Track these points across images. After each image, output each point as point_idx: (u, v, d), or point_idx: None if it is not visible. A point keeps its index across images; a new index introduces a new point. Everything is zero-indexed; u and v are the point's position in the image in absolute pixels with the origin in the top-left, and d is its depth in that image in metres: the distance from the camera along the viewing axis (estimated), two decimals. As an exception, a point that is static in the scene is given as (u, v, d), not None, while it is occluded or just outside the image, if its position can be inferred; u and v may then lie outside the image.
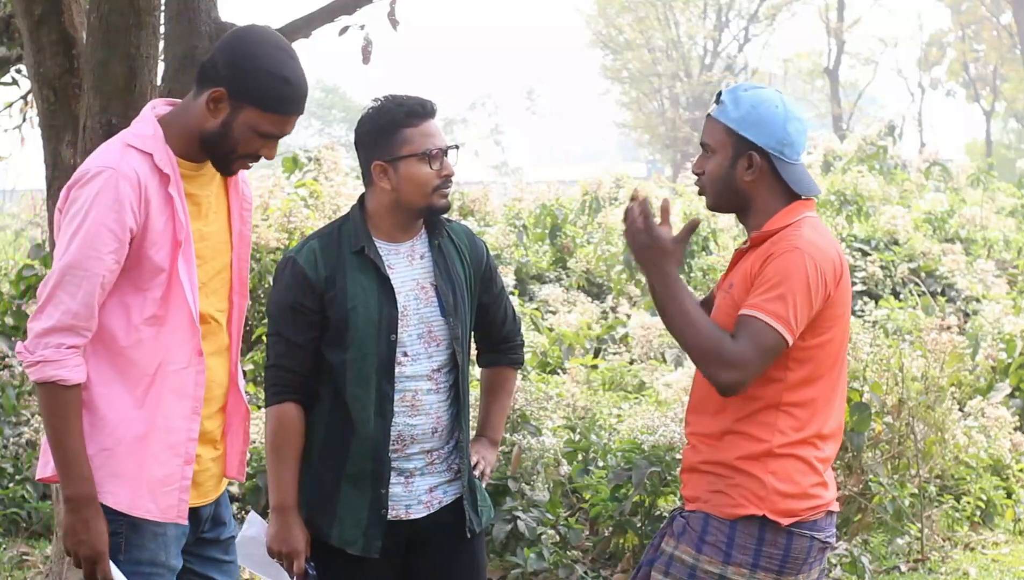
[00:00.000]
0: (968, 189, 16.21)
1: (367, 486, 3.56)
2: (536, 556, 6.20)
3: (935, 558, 6.85)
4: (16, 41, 7.71)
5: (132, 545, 3.26)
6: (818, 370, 3.27)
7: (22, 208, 17.05)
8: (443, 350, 3.62)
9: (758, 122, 3.30)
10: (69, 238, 3.17)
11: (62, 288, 3.15)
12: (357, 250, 3.57)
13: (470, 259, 3.73)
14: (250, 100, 3.25)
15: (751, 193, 3.33)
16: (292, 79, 3.27)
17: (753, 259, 3.30)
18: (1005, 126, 52.16)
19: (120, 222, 3.17)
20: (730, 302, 3.29)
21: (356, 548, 3.56)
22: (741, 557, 3.23)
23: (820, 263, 3.22)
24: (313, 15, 5.65)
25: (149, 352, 3.24)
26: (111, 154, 3.25)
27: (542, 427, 6.70)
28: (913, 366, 7.16)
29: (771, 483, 3.22)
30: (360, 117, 3.65)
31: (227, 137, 3.28)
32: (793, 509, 3.24)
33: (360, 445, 3.55)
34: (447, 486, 3.66)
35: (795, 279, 3.19)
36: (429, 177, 3.56)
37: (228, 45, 3.30)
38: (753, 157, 3.30)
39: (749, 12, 46.22)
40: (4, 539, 6.89)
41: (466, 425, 3.68)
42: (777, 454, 3.23)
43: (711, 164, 3.35)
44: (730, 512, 3.25)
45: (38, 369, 3.14)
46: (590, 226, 13.66)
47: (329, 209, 10.39)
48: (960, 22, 47.61)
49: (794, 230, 3.27)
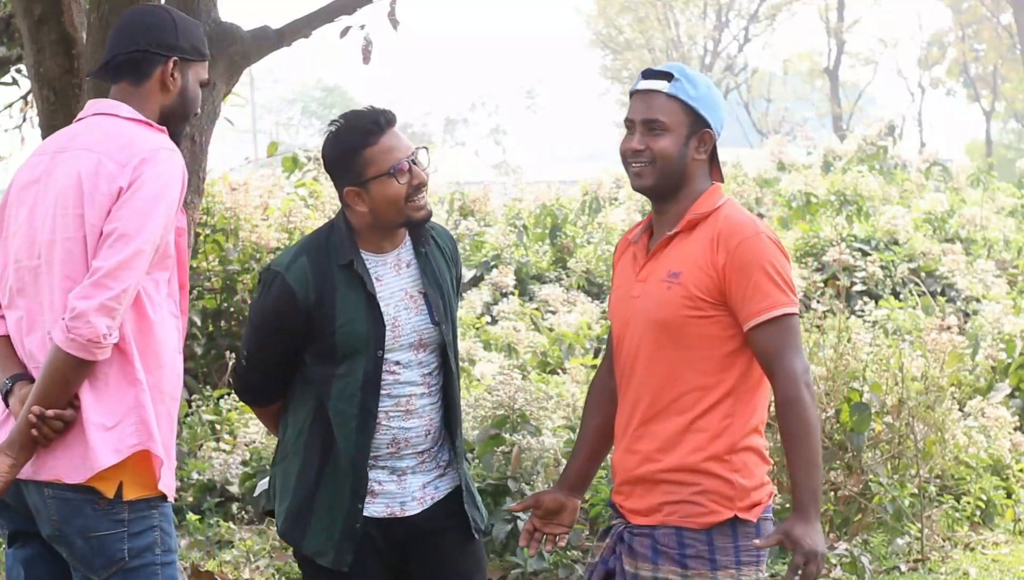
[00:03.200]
0: (968, 189, 16.19)
1: (343, 500, 3.55)
2: (536, 556, 6.20)
3: (935, 558, 6.84)
4: (16, 41, 7.71)
5: (166, 534, 3.27)
6: None
7: (22, 208, 17.01)
8: (434, 355, 3.63)
9: (713, 104, 3.31)
10: (143, 214, 3.17)
11: (130, 265, 3.14)
12: (345, 264, 3.54)
13: (453, 258, 3.74)
14: (195, 55, 3.39)
15: (692, 174, 3.31)
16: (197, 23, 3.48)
17: (697, 245, 3.24)
18: (1005, 126, 52.15)
19: (176, 206, 3.26)
20: (684, 293, 3.23)
21: (326, 560, 3.55)
22: (725, 559, 3.21)
23: (774, 237, 3.26)
24: (313, 15, 5.65)
25: (168, 330, 3.28)
26: (159, 137, 3.30)
27: (542, 427, 6.70)
28: (913, 366, 7.16)
29: (738, 481, 3.20)
30: (322, 142, 3.62)
31: (185, 100, 3.39)
32: (757, 501, 3.23)
33: (338, 460, 3.54)
34: (439, 481, 3.66)
35: (773, 257, 3.20)
36: (400, 191, 3.52)
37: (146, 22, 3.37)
38: (707, 135, 3.30)
39: (749, 12, 46.23)
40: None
41: (458, 424, 3.68)
42: (737, 448, 3.20)
43: (664, 141, 3.28)
44: (704, 521, 3.20)
45: (91, 349, 3.11)
46: (590, 226, 13.66)
47: (329, 209, 10.40)
48: (960, 22, 47.62)
49: (731, 213, 3.27)
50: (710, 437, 3.21)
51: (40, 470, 3.22)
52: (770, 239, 3.23)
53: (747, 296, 3.18)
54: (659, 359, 3.26)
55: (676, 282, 3.24)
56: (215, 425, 7.93)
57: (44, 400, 3.16)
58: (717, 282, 3.21)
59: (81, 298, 3.11)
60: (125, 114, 3.32)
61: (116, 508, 3.21)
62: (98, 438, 3.16)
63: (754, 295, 3.18)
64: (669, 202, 3.32)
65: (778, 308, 3.17)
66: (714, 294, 3.21)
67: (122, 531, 3.21)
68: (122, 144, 3.25)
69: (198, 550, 6.60)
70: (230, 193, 9.54)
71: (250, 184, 9.90)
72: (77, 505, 3.20)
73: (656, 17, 45.92)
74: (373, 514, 3.58)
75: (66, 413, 3.17)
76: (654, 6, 45.37)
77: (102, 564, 3.21)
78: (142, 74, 3.32)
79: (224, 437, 7.68)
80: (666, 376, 3.25)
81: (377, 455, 3.57)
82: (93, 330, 3.09)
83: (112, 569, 3.22)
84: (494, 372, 7.25)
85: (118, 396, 3.19)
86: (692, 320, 3.22)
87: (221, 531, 6.79)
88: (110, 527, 3.20)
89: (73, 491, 3.19)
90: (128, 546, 3.22)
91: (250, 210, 9.57)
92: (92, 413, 3.17)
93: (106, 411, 3.18)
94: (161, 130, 3.32)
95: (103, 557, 3.21)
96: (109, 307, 3.10)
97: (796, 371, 3.15)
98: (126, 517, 3.22)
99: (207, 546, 6.65)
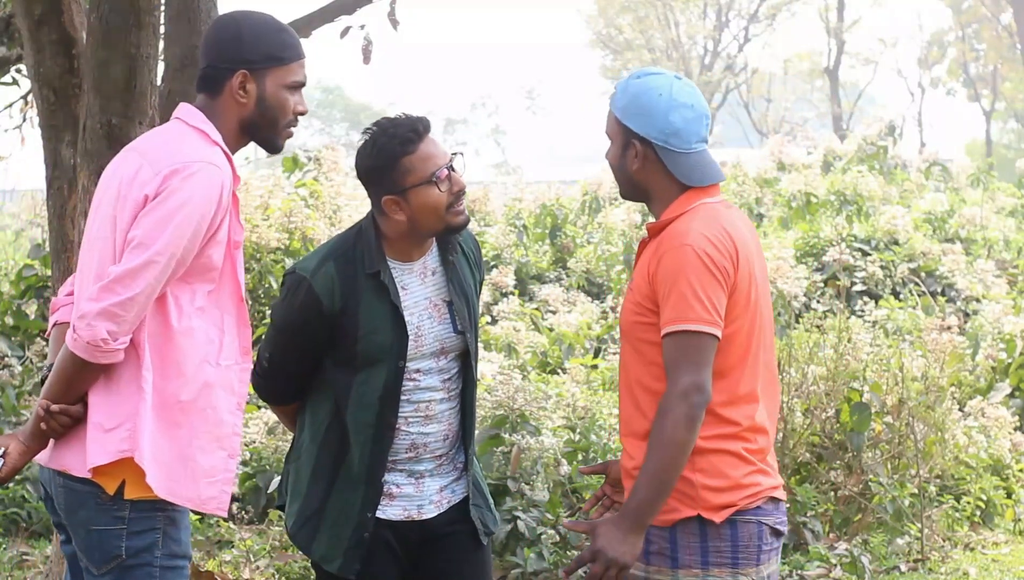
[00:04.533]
0: (968, 189, 16.20)
1: (354, 508, 3.54)
2: (536, 556, 6.20)
3: (935, 558, 6.85)
4: (16, 41, 7.72)
5: (170, 539, 3.28)
6: (731, 361, 3.20)
7: (22, 208, 17.04)
8: (455, 362, 3.63)
9: (639, 112, 3.26)
10: (163, 225, 3.18)
11: (139, 274, 3.15)
12: (372, 273, 3.53)
13: (476, 262, 3.73)
14: (270, 62, 3.34)
15: (645, 183, 3.29)
16: (283, 26, 3.42)
17: (649, 253, 3.26)
18: (1005, 126, 52.14)
19: (207, 220, 3.22)
20: (632, 298, 3.26)
21: (333, 567, 3.54)
22: (688, 558, 3.18)
23: (712, 253, 3.16)
24: (313, 15, 5.66)
25: (201, 342, 3.27)
26: (206, 150, 3.29)
27: (542, 427, 6.70)
28: (913, 366, 7.17)
29: (699, 481, 3.17)
30: (357, 152, 3.59)
31: (267, 109, 3.36)
32: (728, 501, 3.18)
33: (352, 467, 3.54)
34: (455, 485, 3.66)
35: (693, 273, 3.14)
36: (441, 198, 3.51)
37: (216, 36, 3.39)
38: (636, 145, 3.26)
39: (749, 12, 46.18)
40: (4, 539, 6.89)
41: (471, 428, 3.68)
42: (702, 450, 3.16)
43: (609, 153, 3.34)
44: (666, 519, 3.18)
45: (92, 351, 3.15)
46: (590, 226, 13.66)
47: (329, 209, 10.40)
48: (960, 22, 47.60)
49: (680, 224, 3.22)
50: None
51: (54, 458, 3.29)
52: (696, 252, 3.16)
53: (664, 305, 3.17)
54: (625, 362, 3.32)
55: (631, 288, 3.29)
56: (215, 425, 7.92)
57: (52, 395, 3.23)
58: (651, 290, 3.21)
59: (88, 300, 3.16)
60: (192, 121, 3.35)
61: (118, 505, 3.23)
62: (94, 437, 3.21)
63: (666, 305, 3.17)
64: (650, 208, 3.35)
65: (678, 323, 3.13)
66: (650, 300, 3.22)
67: (121, 528, 3.23)
68: (170, 151, 3.28)
69: (198, 550, 6.60)
70: (230, 193, 9.54)
71: (250, 184, 9.90)
72: (82, 497, 3.24)
73: (656, 17, 45.88)
74: (390, 517, 3.57)
75: (72, 409, 3.22)
76: (654, 6, 45.34)
77: (101, 558, 3.25)
78: (217, 89, 3.35)
79: (224, 437, 7.67)
80: (632, 379, 3.29)
81: (396, 459, 3.56)
82: (92, 333, 3.13)
83: (110, 564, 3.24)
84: (494, 372, 7.24)
85: (121, 400, 3.21)
86: (638, 326, 3.25)
87: (221, 531, 6.79)
88: (110, 523, 3.23)
89: (80, 483, 3.24)
90: (126, 544, 3.24)
91: (250, 210, 9.58)
92: (95, 413, 3.22)
93: (108, 413, 3.21)
94: (216, 143, 3.31)
95: (101, 551, 3.25)
96: (112, 312, 3.13)
97: (678, 387, 3.11)
98: (127, 515, 3.24)
99: (207, 546, 6.65)
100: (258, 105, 3.35)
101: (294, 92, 3.39)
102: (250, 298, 9.24)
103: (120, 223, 3.24)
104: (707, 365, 3.14)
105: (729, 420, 3.21)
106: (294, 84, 3.38)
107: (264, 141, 3.41)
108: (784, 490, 3.34)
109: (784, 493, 3.33)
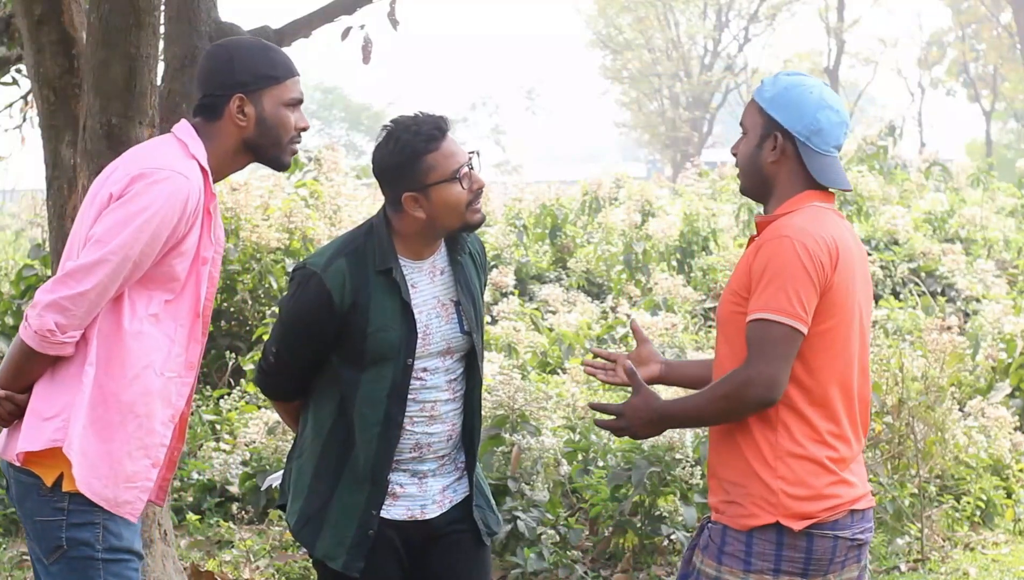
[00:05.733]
0: (968, 189, 16.21)
1: (359, 506, 3.55)
2: (536, 556, 6.20)
3: (935, 558, 6.84)
4: (16, 41, 7.71)
5: (109, 533, 3.31)
6: (820, 362, 3.20)
7: (22, 208, 17.04)
8: (460, 362, 3.63)
9: (787, 104, 3.27)
10: (121, 225, 3.22)
11: (92, 270, 3.20)
12: (383, 270, 3.53)
13: (482, 265, 3.74)
14: (264, 82, 3.39)
15: (774, 177, 3.30)
16: (272, 46, 3.49)
17: (751, 248, 3.28)
18: (1005, 126, 52.14)
19: (170, 229, 3.26)
20: (730, 291, 3.27)
21: (337, 564, 3.55)
22: (761, 564, 3.20)
23: (811, 248, 3.17)
24: (313, 15, 5.67)
25: (149, 347, 3.30)
26: (180, 161, 3.32)
27: (542, 427, 6.70)
28: (913, 366, 7.16)
29: (781, 488, 3.18)
30: (375, 148, 3.59)
31: (268, 129, 3.40)
32: (807, 512, 3.19)
33: (357, 465, 3.54)
34: (457, 484, 3.67)
35: (788, 266, 3.15)
36: (462, 196, 3.52)
37: (209, 67, 3.45)
38: (777, 138, 3.27)
39: (749, 12, 46.20)
40: (4, 539, 6.89)
41: (478, 429, 3.69)
42: (785, 457, 3.19)
43: (743, 144, 3.34)
44: (744, 523, 3.22)
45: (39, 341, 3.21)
46: (590, 226, 13.66)
47: (329, 209, 10.40)
48: (960, 22, 47.61)
49: (786, 219, 3.23)
50: (755, 442, 3.21)
51: (6, 448, 3.36)
52: (794, 245, 3.17)
53: (755, 293, 3.19)
54: (720, 356, 3.33)
55: (731, 279, 3.31)
56: (215, 425, 7.93)
57: (1, 380, 3.31)
58: (748, 279, 3.22)
59: (42, 290, 3.24)
60: (179, 134, 3.41)
61: (57, 497, 3.29)
62: (31, 424, 3.28)
63: (756, 292, 3.18)
64: (766, 205, 3.34)
65: (763, 312, 3.15)
66: (747, 289, 3.23)
67: (61, 520, 3.29)
68: (144, 155, 3.35)
69: (198, 550, 6.60)
70: (231, 193, 9.55)
71: (250, 184, 9.90)
72: (27, 488, 3.32)
73: (656, 17, 45.88)
74: (393, 517, 3.57)
75: (18, 397, 3.31)
76: (654, 6, 45.34)
77: (46, 549, 3.32)
78: (216, 115, 3.40)
79: (224, 437, 7.68)
80: (724, 371, 3.29)
81: (400, 459, 3.56)
82: (40, 323, 3.20)
83: (56, 555, 3.31)
84: (494, 372, 7.24)
85: (62, 391, 3.27)
86: (734, 315, 3.26)
87: (221, 531, 6.79)
88: (51, 514, 3.29)
89: (25, 474, 3.31)
90: (66, 535, 3.29)
91: (250, 210, 9.58)
92: (36, 400, 3.29)
93: (48, 402, 3.27)
94: (193, 156, 3.35)
95: (46, 541, 3.31)
96: (62, 305, 3.19)
97: (753, 370, 3.15)
98: (67, 507, 3.29)
99: (207, 546, 6.65)
100: (259, 126, 3.40)
101: (293, 109, 3.43)
102: (249, 298, 9.24)
103: (87, 221, 3.30)
104: (785, 358, 3.15)
105: (815, 425, 3.21)
106: (291, 101, 3.42)
107: (271, 160, 3.45)
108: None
109: (871, 501, 3.33)
